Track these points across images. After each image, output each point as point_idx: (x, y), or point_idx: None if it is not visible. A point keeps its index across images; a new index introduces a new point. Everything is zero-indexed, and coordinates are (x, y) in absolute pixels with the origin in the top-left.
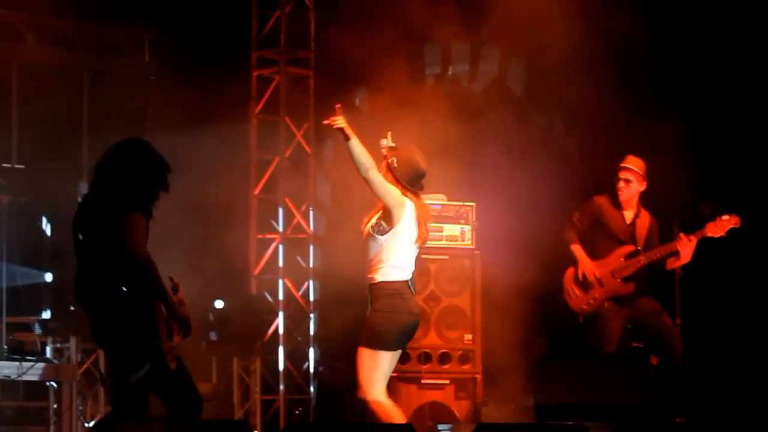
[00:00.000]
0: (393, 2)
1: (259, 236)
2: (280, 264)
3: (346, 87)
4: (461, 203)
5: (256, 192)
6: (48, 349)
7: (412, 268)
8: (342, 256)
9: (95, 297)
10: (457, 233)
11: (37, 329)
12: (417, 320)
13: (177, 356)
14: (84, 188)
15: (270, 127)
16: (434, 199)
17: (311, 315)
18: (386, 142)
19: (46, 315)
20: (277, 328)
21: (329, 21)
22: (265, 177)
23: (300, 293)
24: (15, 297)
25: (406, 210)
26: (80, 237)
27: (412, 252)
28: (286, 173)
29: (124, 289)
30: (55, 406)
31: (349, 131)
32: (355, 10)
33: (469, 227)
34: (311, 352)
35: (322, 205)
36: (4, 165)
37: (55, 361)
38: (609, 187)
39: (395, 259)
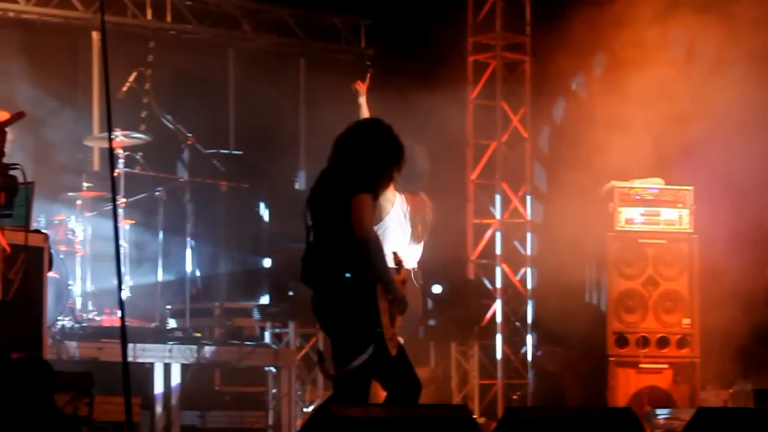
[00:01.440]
0: None
1: (476, 221)
2: (498, 250)
3: (563, 71)
4: (679, 187)
5: (473, 177)
6: (267, 335)
7: (408, 260)
8: (558, 242)
9: (321, 278)
10: (675, 217)
11: (256, 314)
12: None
13: (399, 343)
14: (302, 174)
15: (486, 112)
16: (651, 183)
17: (529, 301)
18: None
19: (265, 300)
20: (494, 314)
21: (545, 5)
22: (482, 162)
23: (517, 278)
24: (234, 283)
25: (394, 206)
26: (310, 215)
27: (406, 247)
28: (502, 158)
29: (348, 275)
30: (274, 390)
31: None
32: None
33: (687, 211)
34: (529, 337)
35: (538, 191)
36: (221, 151)
37: (274, 346)
38: None
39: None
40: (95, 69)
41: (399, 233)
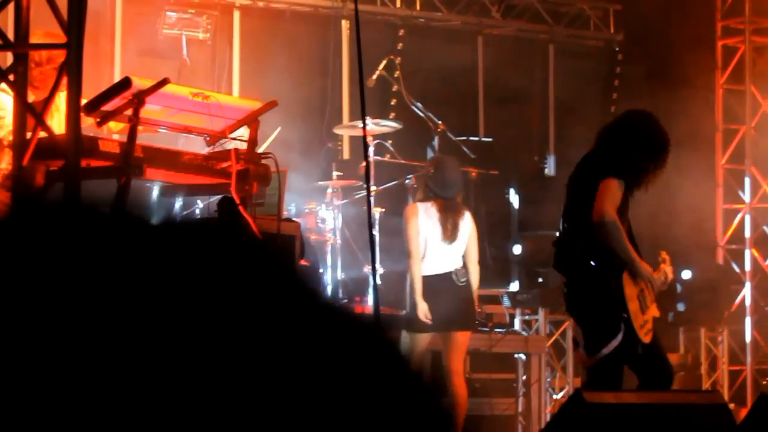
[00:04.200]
0: None
1: (726, 206)
2: (747, 234)
3: None
4: None
5: (723, 162)
6: (516, 321)
7: (447, 261)
8: None
9: (570, 265)
10: None
11: (506, 301)
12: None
13: (652, 329)
14: (551, 160)
15: (736, 96)
16: None
17: None
18: None
19: (515, 287)
20: (743, 299)
21: None
22: (732, 147)
23: (767, 263)
24: (484, 269)
25: (419, 216)
26: (565, 200)
27: (443, 249)
28: (752, 142)
29: (593, 263)
30: (523, 377)
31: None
32: None
33: None
34: None
35: None
36: (471, 138)
37: (523, 333)
38: None
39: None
40: (345, 57)
41: (434, 239)
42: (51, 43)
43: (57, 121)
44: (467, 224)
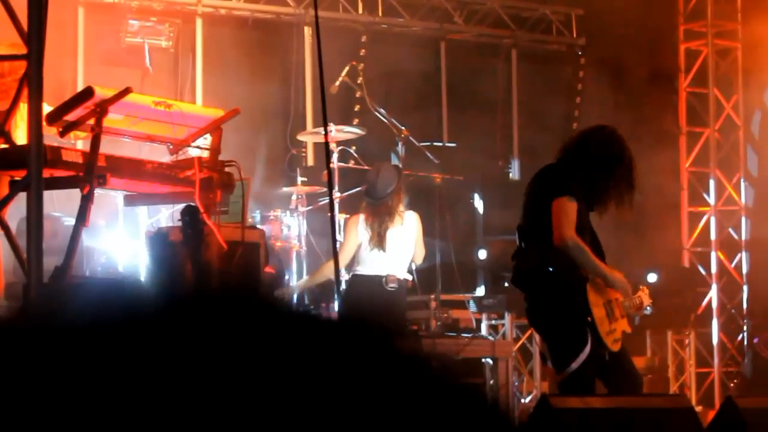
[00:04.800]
0: None
1: (691, 209)
2: (713, 236)
3: None
4: None
5: (687, 165)
6: (483, 326)
7: (375, 267)
8: None
9: (528, 278)
10: None
11: (472, 306)
12: None
13: (620, 340)
14: (516, 164)
15: (699, 99)
16: None
17: (744, 287)
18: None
19: (481, 292)
20: (710, 301)
21: None
22: (696, 149)
23: (732, 265)
24: (449, 275)
25: (358, 226)
26: (521, 212)
27: (373, 255)
28: (716, 145)
29: (551, 269)
30: (491, 382)
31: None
32: None
33: None
34: (745, 324)
35: (750, 176)
36: (435, 143)
37: (490, 337)
38: None
39: None
40: (308, 64)
41: (365, 244)
42: (10, 54)
43: (22, 131)
44: (401, 230)
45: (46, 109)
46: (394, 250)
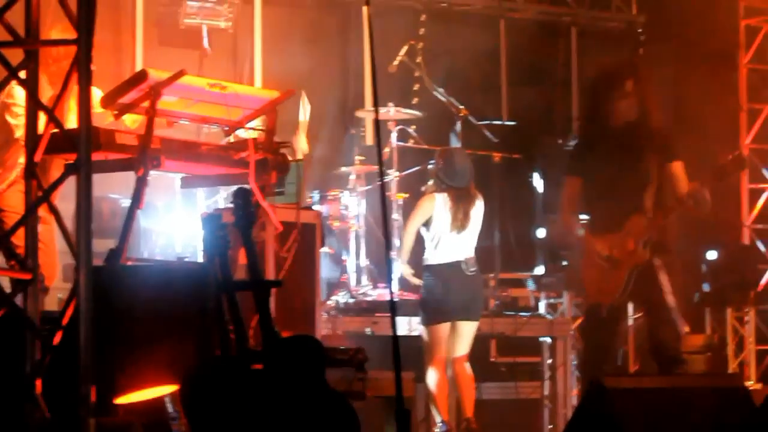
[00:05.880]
0: None
1: (752, 186)
2: None
3: None
4: None
5: (747, 141)
6: (541, 305)
7: (457, 250)
8: None
9: None
10: None
11: (531, 285)
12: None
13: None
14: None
15: (759, 75)
16: None
17: None
18: None
19: (540, 271)
20: None
21: None
22: (756, 126)
23: None
24: (508, 254)
25: (436, 207)
26: None
27: (454, 238)
28: None
29: None
30: (549, 361)
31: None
32: None
33: None
34: None
35: None
36: (494, 122)
37: (548, 316)
38: None
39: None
40: (366, 44)
41: (445, 229)
42: (60, 39)
43: (76, 115)
44: (478, 212)
45: (99, 94)
46: (472, 232)
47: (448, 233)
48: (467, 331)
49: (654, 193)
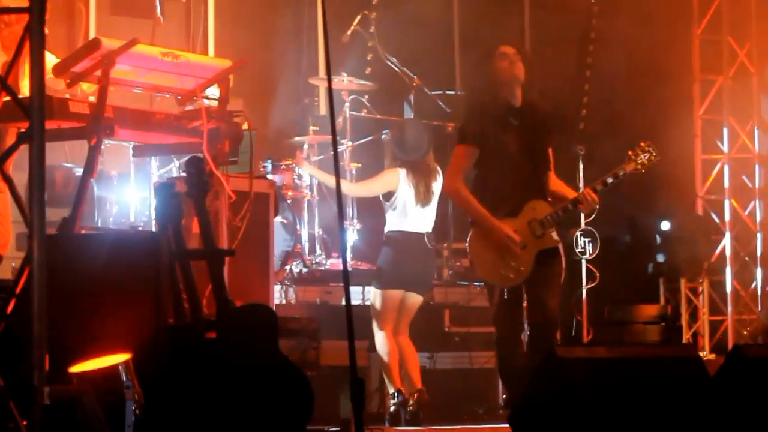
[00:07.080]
0: None
1: (705, 156)
2: (726, 184)
3: None
4: None
5: (700, 113)
6: None
7: (418, 224)
8: None
9: None
10: None
11: None
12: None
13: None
14: None
15: (712, 46)
16: None
17: (758, 235)
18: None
19: None
20: (723, 249)
21: None
22: (709, 97)
23: (746, 213)
24: (462, 223)
25: (400, 180)
26: None
27: (417, 212)
28: (730, 93)
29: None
30: None
31: (316, 173)
32: None
33: None
34: (758, 271)
35: (764, 125)
36: (447, 92)
37: None
38: None
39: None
40: (320, 14)
41: (410, 202)
42: (13, 7)
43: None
44: (439, 186)
45: (53, 60)
46: (434, 205)
47: (413, 206)
48: (413, 303)
49: (552, 176)
